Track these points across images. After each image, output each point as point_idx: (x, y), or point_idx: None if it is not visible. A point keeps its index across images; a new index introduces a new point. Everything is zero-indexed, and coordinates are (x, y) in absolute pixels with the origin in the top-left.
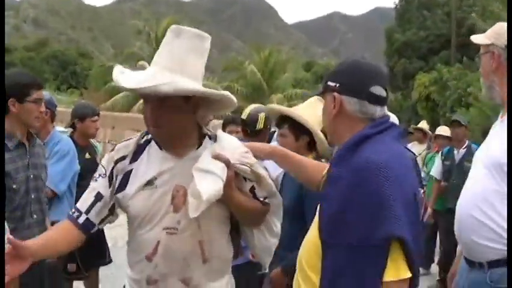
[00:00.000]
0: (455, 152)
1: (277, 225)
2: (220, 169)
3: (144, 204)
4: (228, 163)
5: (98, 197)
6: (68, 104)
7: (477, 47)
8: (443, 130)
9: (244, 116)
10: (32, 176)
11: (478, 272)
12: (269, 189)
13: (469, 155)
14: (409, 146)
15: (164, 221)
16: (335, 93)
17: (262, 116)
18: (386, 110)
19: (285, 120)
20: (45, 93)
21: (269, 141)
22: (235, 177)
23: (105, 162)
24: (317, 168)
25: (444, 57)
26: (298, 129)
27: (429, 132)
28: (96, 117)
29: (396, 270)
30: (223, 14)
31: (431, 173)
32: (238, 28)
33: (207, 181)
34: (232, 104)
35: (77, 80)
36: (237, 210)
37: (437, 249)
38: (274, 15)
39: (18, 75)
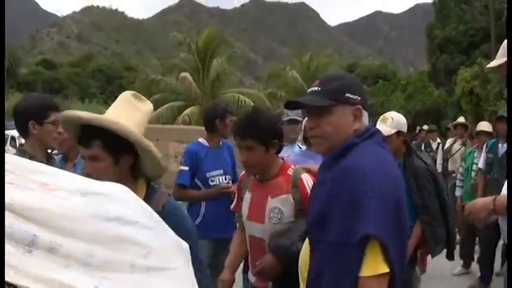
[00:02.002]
0: (500, 145)
1: None
2: None
3: None
4: None
5: None
6: None
7: None
8: (484, 126)
9: (305, 122)
10: None
11: None
12: None
13: None
14: (449, 142)
15: None
16: (359, 106)
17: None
18: (367, 116)
19: (93, 135)
20: None
21: None
22: None
23: None
24: None
25: (486, 50)
26: (115, 146)
27: (469, 126)
28: None
29: (375, 265)
30: (266, 21)
31: (479, 166)
32: (282, 34)
33: None
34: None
35: None
36: None
37: (477, 248)
38: (317, 19)
39: (37, 99)
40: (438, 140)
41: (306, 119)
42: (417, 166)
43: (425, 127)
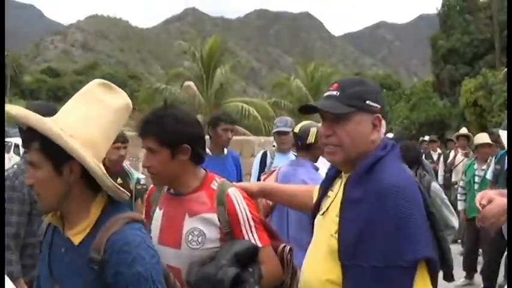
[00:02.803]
0: (506, 157)
1: None
2: None
3: None
4: None
5: None
6: None
7: None
8: (482, 138)
9: (296, 129)
10: None
11: None
12: None
13: None
14: (452, 153)
15: None
16: (379, 115)
17: (313, 130)
18: None
19: (31, 136)
20: None
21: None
22: None
23: None
24: (307, 193)
25: (490, 61)
26: (53, 151)
27: (471, 137)
28: (119, 144)
29: (425, 286)
30: (270, 30)
31: (486, 176)
32: (286, 43)
33: None
34: None
35: None
36: None
37: (480, 259)
38: (321, 28)
39: (41, 107)
40: (439, 151)
41: (319, 124)
42: None
43: (427, 138)
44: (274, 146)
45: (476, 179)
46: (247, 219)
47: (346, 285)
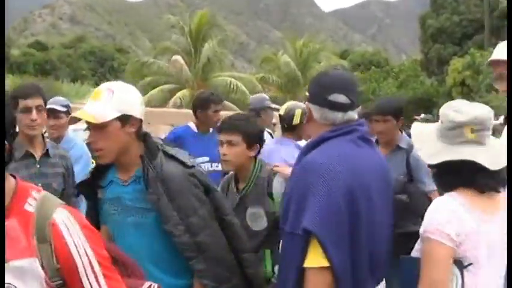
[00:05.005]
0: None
1: None
2: None
3: None
4: None
5: None
6: None
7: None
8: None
9: (281, 111)
10: (40, 185)
11: None
12: None
13: None
14: None
15: None
16: (307, 102)
17: (298, 112)
18: (351, 115)
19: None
20: (60, 99)
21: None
22: None
23: None
24: None
25: (479, 42)
26: None
27: None
28: None
29: (315, 258)
30: (260, 4)
31: None
32: (275, 18)
33: None
34: None
35: (115, 76)
36: None
37: None
38: (311, 4)
39: (32, 89)
40: None
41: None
42: None
43: (422, 116)
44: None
45: None
46: (89, 263)
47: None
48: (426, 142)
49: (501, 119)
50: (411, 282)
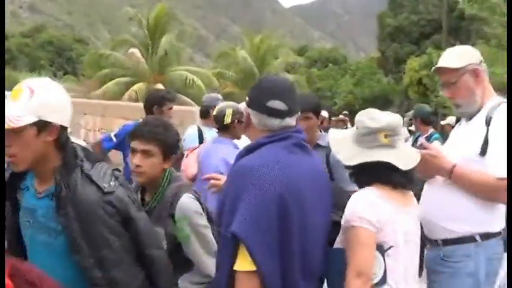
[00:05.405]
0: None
1: None
2: None
3: None
4: None
5: None
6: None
7: (468, 30)
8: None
9: (214, 111)
10: None
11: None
12: None
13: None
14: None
15: None
16: (246, 107)
17: (229, 111)
18: (289, 121)
19: None
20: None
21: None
22: None
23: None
24: None
25: (436, 42)
26: None
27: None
28: None
29: (243, 261)
30: None
31: None
32: (235, 12)
33: None
34: None
35: (73, 66)
36: None
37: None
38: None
39: None
40: None
41: (236, 104)
42: None
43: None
44: None
45: None
46: None
47: None
48: (343, 146)
49: (449, 119)
50: (338, 272)
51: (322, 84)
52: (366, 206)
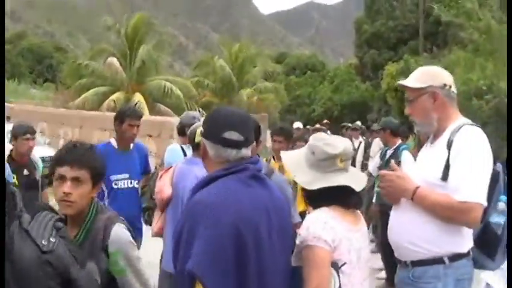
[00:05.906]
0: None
1: None
2: None
3: None
4: None
5: None
6: (41, 99)
7: (445, 36)
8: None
9: (188, 131)
10: None
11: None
12: None
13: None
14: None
15: None
16: (202, 138)
17: (199, 131)
18: (245, 152)
19: None
20: None
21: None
22: None
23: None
24: None
25: (413, 47)
26: None
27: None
28: (28, 136)
29: None
30: (199, 6)
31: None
32: (214, 20)
33: None
34: None
35: (53, 74)
36: None
37: None
38: (251, 6)
39: None
40: (361, 139)
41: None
42: None
43: (349, 124)
44: None
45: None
46: None
47: None
48: (299, 169)
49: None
50: None
51: (301, 91)
52: (321, 227)
